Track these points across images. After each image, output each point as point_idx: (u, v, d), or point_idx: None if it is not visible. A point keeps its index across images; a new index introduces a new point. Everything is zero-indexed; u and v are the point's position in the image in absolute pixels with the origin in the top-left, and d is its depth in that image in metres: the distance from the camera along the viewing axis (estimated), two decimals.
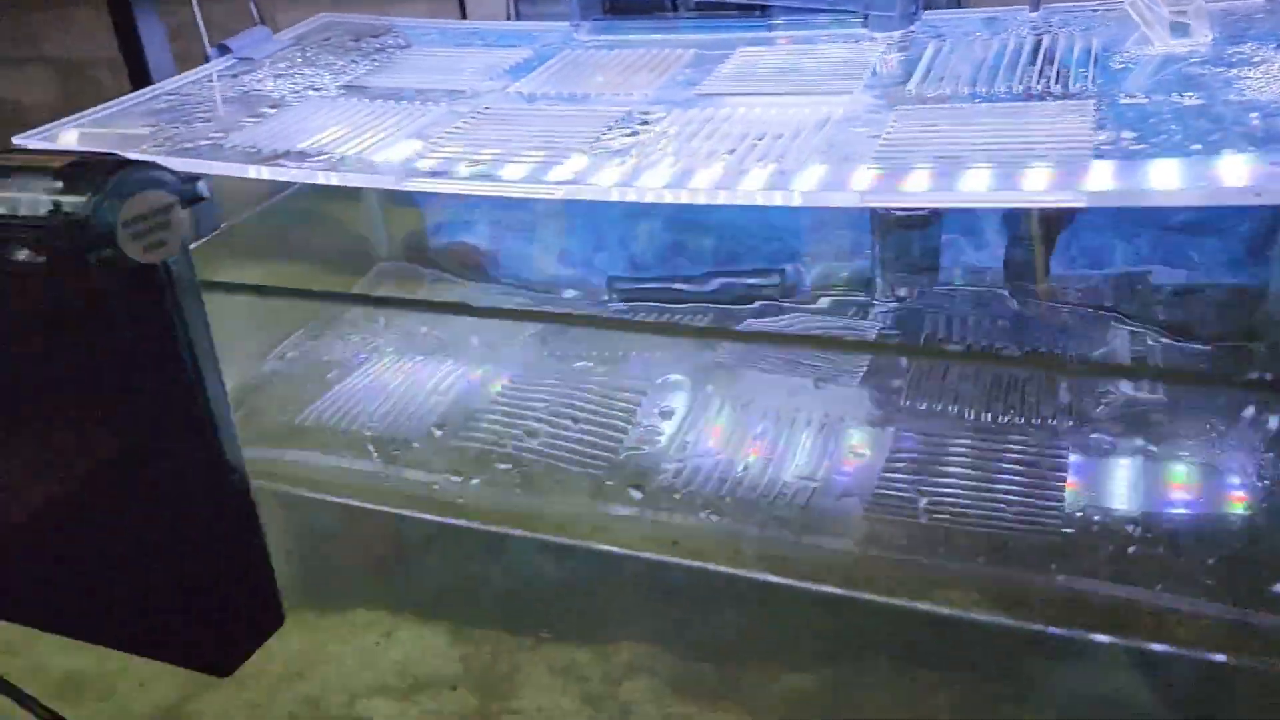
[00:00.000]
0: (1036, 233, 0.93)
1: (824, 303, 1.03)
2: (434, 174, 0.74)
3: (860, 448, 0.80)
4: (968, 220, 0.98)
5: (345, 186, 1.21)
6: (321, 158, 0.78)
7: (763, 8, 1.01)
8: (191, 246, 0.50)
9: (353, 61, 1.03)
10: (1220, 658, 0.62)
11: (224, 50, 1.05)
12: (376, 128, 0.85)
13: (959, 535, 0.73)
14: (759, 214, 1.05)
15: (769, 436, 0.82)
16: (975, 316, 0.96)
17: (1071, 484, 0.73)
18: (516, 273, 1.17)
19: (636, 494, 0.72)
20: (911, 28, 0.93)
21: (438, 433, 0.91)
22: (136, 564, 0.57)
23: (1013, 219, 0.96)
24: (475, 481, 0.86)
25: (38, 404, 0.53)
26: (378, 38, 1.10)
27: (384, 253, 1.25)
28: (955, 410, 0.84)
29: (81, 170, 0.47)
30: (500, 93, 0.91)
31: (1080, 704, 0.79)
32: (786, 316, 1.02)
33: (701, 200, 0.66)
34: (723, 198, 0.66)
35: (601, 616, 0.99)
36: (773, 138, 0.73)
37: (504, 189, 0.72)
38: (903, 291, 0.99)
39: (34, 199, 0.47)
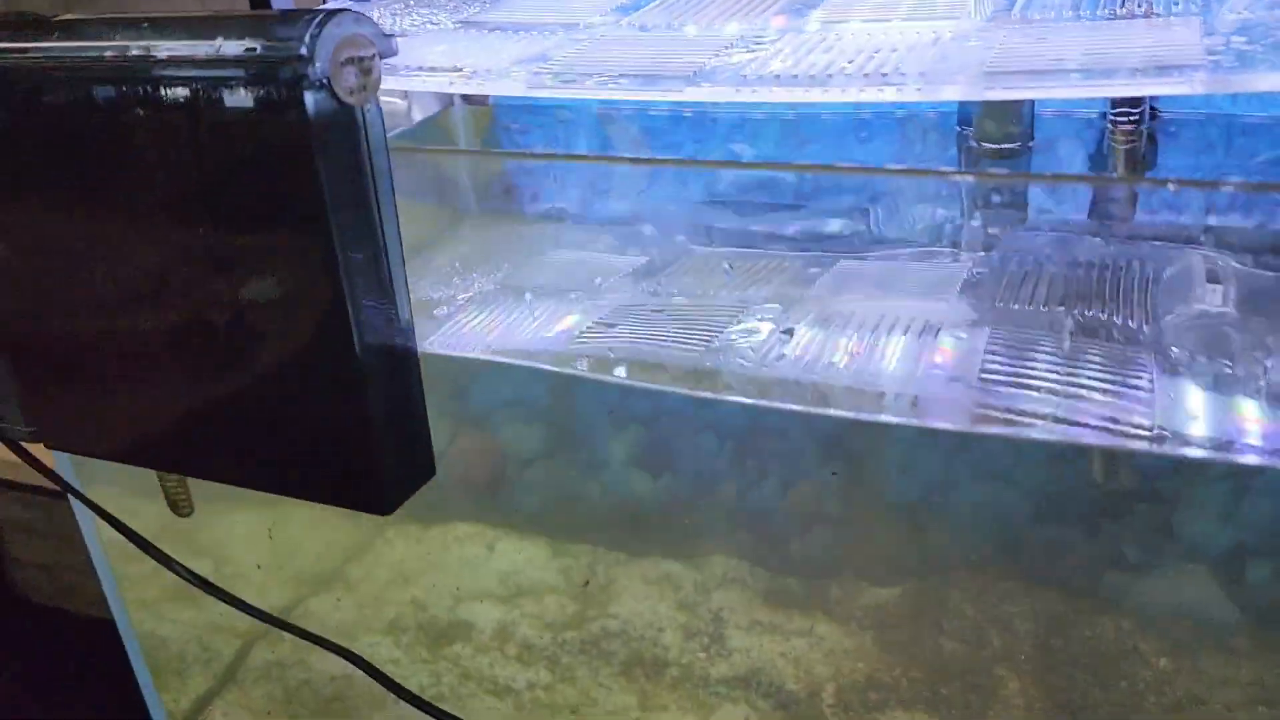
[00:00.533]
0: (1125, 170, 0.96)
1: (912, 238, 1.07)
2: (565, 86, 0.79)
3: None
4: (1056, 157, 1.02)
5: (438, 135, 1.26)
6: (455, 73, 0.83)
7: None
8: None
9: (465, 2, 1.08)
10: None
11: None
12: (499, 51, 0.89)
13: None
14: (847, 144, 1.09)
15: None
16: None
17: None
18: (599, 216, 1.21)
19: (786, 337, 0.76)
20: None
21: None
22: (310, 409, 0.61)
23: (1100, 156, 0.99)
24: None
25: (234, 243, 0.58)
26: None
27: (473, 204, 1.30)
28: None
29: (296, 16, 0.52)
30: (614, 25, 0.96)
31: None
32: (875, 257, 1.05)
33: (829, 98, 0.70)
34: (849, 95, 0.70)
35: (696, 529, 1.03)
36: (888, 51, 0.77)
37: (630, 94, 0.77)
38: (993, 229, 1.02)
39: (255, 42, 0.52)
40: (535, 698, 0.98)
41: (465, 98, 1.19)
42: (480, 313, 1.02)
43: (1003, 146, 0.95)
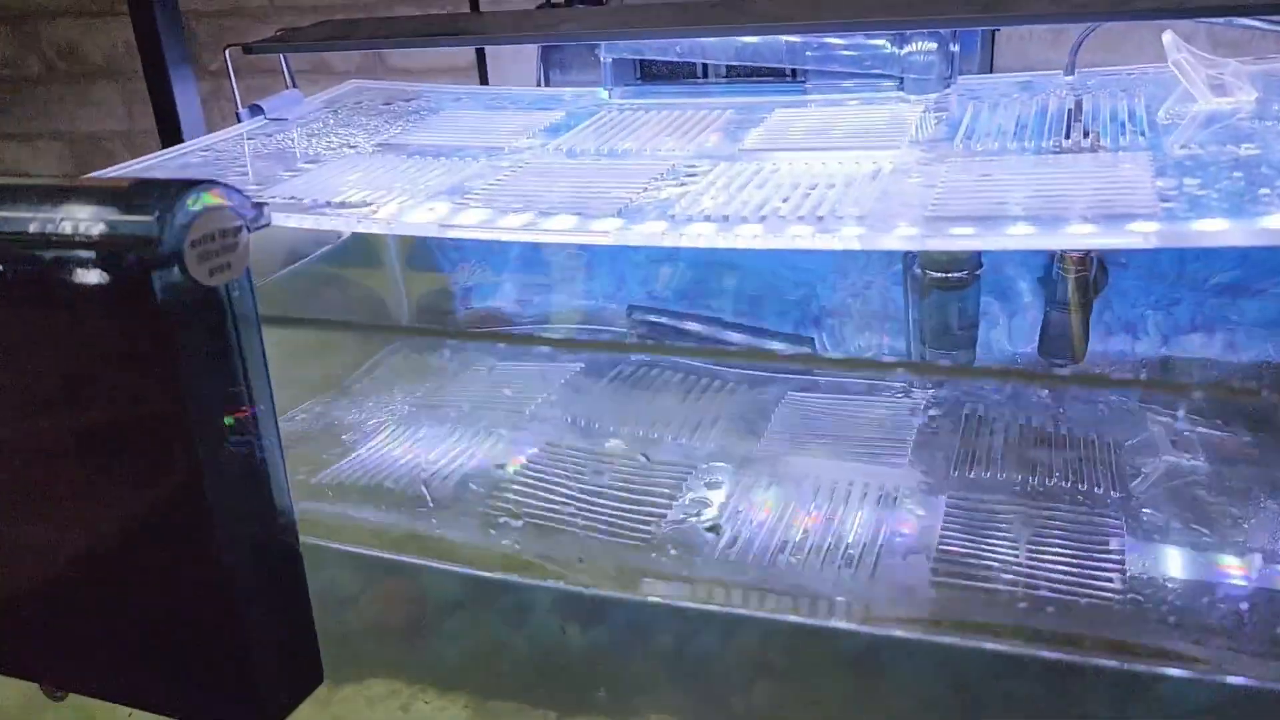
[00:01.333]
0: (1075, 299, 0.92)
1: (858, 371, 1.02)
2: (481, 225, 0.73)
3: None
4: (1004, 284, 0.98)
5: (368, 250, 1.20)
6: (365, 208, 0.77)
7: (794, 72, 1.02)
8: None
9: (386, 122, 1.03)
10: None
11: (256, 111, 1.05)
12: (417, 181, 0.84)
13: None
14: (792, 269, 1.04)
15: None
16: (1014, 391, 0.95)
17: None
18: (541, 323, 1.16)
19: (712, 536, 0.70)
20: (947, 91, 0.93)
21: (465, 494, 0.88)
22: (175, 616, 0.54)
23: (1051, 283, 0.95)
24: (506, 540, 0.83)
25: (81, 437, 0.51)
26: (409, 102, 1.10)
27: (405, 322, 1.23)
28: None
29: (147, 189, 0.46)
30: (539, 149, 0.91)
31: None
32: (821, 390, 1.00)
33: (758, 245, 0.65)
34: (782, 241, 0.65)
35: (631, 688, 0.95)
36: (825, 186, 0.72)
37: (552, 236, 0.71)
38: (940, 360, 0.97)
39: (97, 218, 0.46)
40: None
41: None
42: (392, 445, 0.95)
43: (950, 275, 0.90)
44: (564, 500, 0.83)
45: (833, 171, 0.77)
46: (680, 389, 0.99)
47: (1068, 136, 0.77)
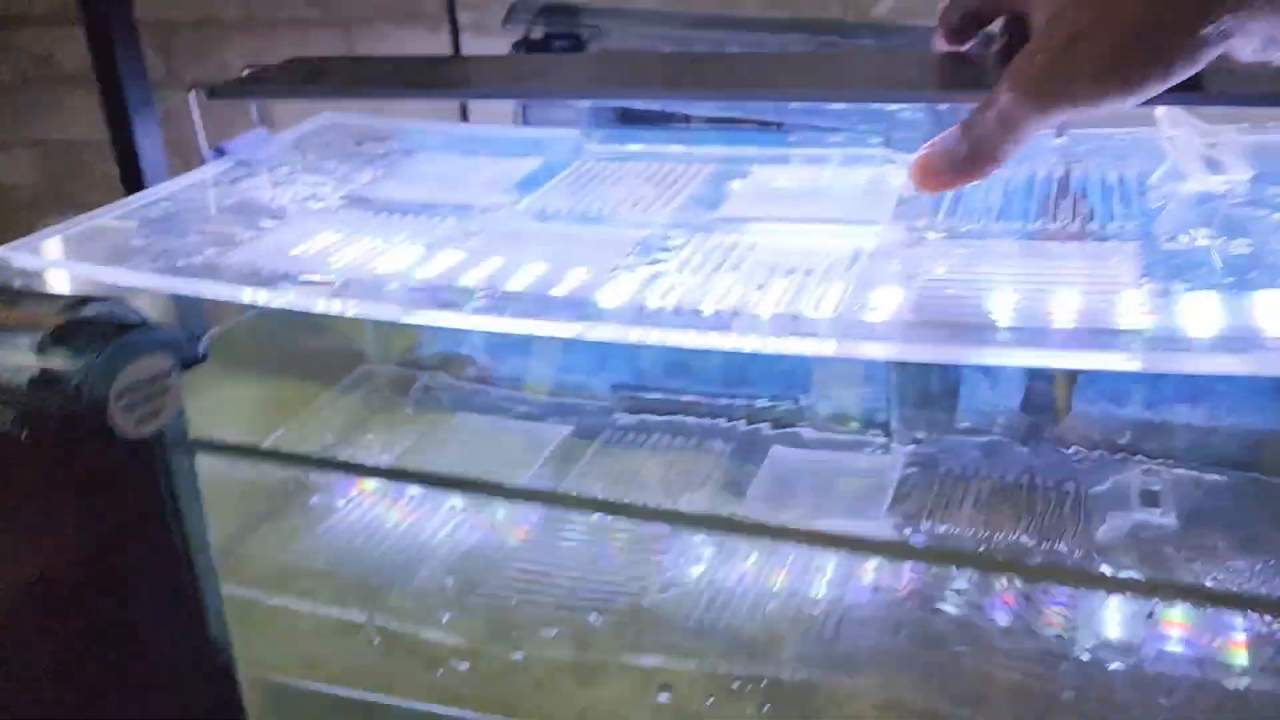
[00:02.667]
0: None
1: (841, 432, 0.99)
2: (445, 312, 0.71)
3: None
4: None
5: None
6: (325, 282, 0.75)
7: (778, 124, 0.99)
8: None
9: (355, 169, 1.00)
10: None
11: (221, 153, 1.02)
12: (380, 246, 0.81)
13: None
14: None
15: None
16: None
17: None
18: (515, 380, 1.12)
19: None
20: None
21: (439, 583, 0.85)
22: None
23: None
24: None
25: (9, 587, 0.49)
26: (381, 142, 1.07)
27: (371, 355, 1.20)
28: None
29: (73, 332, 0.43)
30: (510, 208, 0.88)
31: None
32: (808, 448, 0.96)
33: (734, 346, 0.63)
34: (752, 344, 0.62)
35: None
36: (803, 273, 0.70)
37: (513, 326, 0.69)
38: (920, 431, 0.94)
39: (18, 365, 0.43)
40: None
41: None
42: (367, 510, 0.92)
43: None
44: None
45: (811, 250, 0.74)
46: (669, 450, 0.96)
47: (1056, 219, 0.75)
